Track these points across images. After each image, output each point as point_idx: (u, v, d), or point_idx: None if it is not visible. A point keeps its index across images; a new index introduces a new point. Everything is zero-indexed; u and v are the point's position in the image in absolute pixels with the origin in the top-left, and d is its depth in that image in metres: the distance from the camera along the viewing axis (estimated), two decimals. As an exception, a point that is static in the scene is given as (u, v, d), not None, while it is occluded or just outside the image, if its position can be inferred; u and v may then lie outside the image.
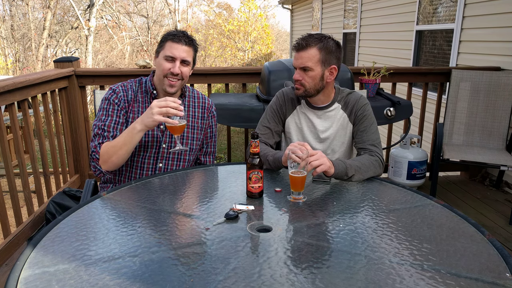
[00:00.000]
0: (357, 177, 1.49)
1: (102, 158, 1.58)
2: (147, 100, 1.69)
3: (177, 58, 1.61)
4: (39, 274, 0.92)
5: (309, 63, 1.60)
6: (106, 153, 1.57)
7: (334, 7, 8.91)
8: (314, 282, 0.89)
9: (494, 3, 3.70)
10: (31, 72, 11.65)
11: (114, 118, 1.64)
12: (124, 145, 1.53)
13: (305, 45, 1.59)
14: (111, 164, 1.57)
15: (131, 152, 1.58)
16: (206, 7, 20.17)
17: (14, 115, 2.31)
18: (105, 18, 18.25)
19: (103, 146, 1.58)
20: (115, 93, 1.66)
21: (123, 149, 1.54)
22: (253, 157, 1.31)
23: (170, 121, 1.45)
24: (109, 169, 1.61)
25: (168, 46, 1.62)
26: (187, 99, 1.77)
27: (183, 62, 1.62)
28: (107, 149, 1.57)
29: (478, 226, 1.15)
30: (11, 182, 2.24)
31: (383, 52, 6.37)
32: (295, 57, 1.64)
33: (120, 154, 1.55)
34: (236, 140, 8.03)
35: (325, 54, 1.61)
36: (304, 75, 1.63)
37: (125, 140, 1.53)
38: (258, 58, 16.51)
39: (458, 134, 3.22)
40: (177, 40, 1.61)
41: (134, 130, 1.50)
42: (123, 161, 1.59)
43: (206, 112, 1.80)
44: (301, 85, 1.65)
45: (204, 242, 1.06)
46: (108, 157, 1.56)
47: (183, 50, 1.62)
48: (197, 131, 1.77)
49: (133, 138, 1.52)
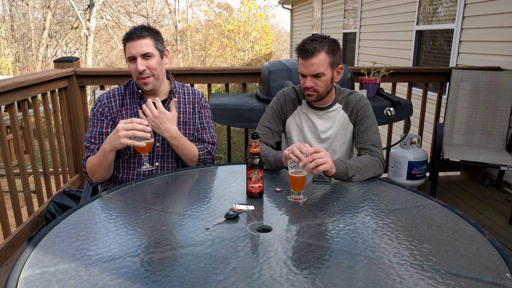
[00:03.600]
0: (357, 177, 1.49)
1: (89, 172, 1.64)
2: (134, 101, 1.69)
3: (136, 56, 1.58)
4: (39, 274, 0.92)
5: (321, 69, 1.58)
6: (90, 169, 1.63)
7: (334, 7, 8.91)
8: (314, 282, 0.89)
9: (494, 3, 3.70)
10: (31, 72, 11.66)
11: (98, 129, 1.67)
12: (100, 164, 1.58)
13: (313, 51, 1.56)
14: (97, 178, 1.63)
15: (111, 168, 1.62)
16: (206, 7, 20.20)
17: (14, 115, 2.31)
18: (105, 18, 18.26)
19: (88, 161, 1.64)
20: (100, 102, 1.68)
21: (101, 166, 1.58)
22: (253, 157, 1.31)
23: (137, 143, 1.46)
24: (98, 181, 1.66)
25: (127, 48, 1.60)
26: (177, 95, 1.75)
27: (144, 56, 1.59)
28: (89, 166, 1.63)
29: (478, 226, 1.15)
30: (11, 182, 2.24)
31: (383, 52, 6.37)
32: (304, 65, 1.60)
33: (100, 171, 1.60)
34: (236, 140, 8.03)
35: (332, 56, 1.60)
36: (316, 81, 1.61)
37: (100, 160, 1.57)
38: (258, 58, 16.52)
39: (458, 134, 3.22)
40: (130, 39, 1.58)
41: (105, 151, 1.53)
42: (108, 175, 1.64)
43: (197, 106, 1.79)
44: (314, 91, 1.63)
45: (204, 242, 1.06)
46: (92, 173, 1.63)
47: (139, 45, 1.57)
48: (189, 126, 1.75)
49: (106, 158, 1.55)
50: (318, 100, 1.68)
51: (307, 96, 1.67)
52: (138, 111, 1.67)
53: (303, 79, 1.64)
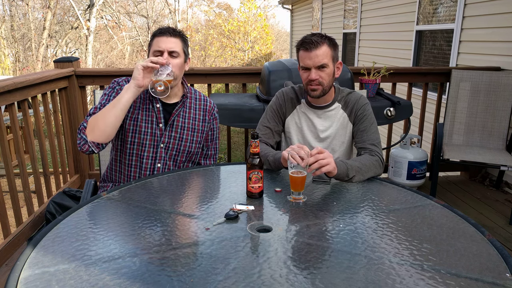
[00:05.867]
0: (358, 178, 1.49)
1: (89, 126, 1.52)
2: (147, 97, 1.68)
3: (164, 50, 1.60)
4: (39, 274, 0.92)
5: (325, 60, 1.60)
6: (94, 118, 1.53)
7: (334, 7, 8.91)
8: (314, 282, 0.89)
9: (494, 3, 3.70)
10: (31, 72, 11.65)
11: None
12: (112, 107, 1.51)
13: (317, 43, 1.59)
14: (98, 131, 1.50)
15: (119, 117, 1.51)
16: (206, 7, 20.20)
17: (14, 115, 2.31)
18: (105, 18, 18.27)
19: (91, 117, 1.55)
20: (119, 84, 1.67)
21: (111, 111, 1.50)
22: (253, 157, 1.31)
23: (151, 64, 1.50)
24: (95, 139, 1.51)
25: (155, 42, 1.63)
26: (188, 100, 1.75)
27: (171, 53, 1.62)
28: (93, 119, 1.53)
29: (478, 226, 1.15)
30: (11, 182, 2.24)
31: (383, 52, 6.37)
32: (308, 57, 1.61)
33: (108, 116, 1.50)
34: (236, 140, 8.04)
35: (333, 50, 1.63)
36: (321, 73, 1.62)
37: (113, 101, 1.52)
38: (258, 58, 16.52)
39: (458, 134, 3.22)
40: (162, 34, 1.62)
41: (123, 90, 1.52)
42: (110, 129, 1.51)
43: (207, 114, 1.78)
44: (319, 84, 1.63)
45: (204, 242, 1.06)
46: (95, 122, 1.51)
47: (169, 41, 1.61)
48: (197, 133, 1.74)
49: (121, 97, 1.51)
50: (322, 95, 1.67)
51: (311, 91, 1.66)
52: (149, 107, 1.66)
53: (307, 72, 1.64)
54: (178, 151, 1.70)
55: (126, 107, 1.53)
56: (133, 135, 1.64)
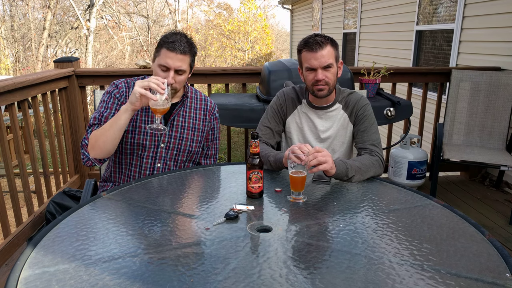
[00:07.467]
0: (357, 177, 1.49)
1: (90, 143, 1.54)
2: None
3: (171, 68, 1.56)
4: (39, 274, 0.92)
5: (330, 60, 1.62)
6: (94, 136, 1.54)
7: (334, 7, 8.91)
8: (314, 282, 0.89)
9: (494, 3, 3.70)
10: (31, 72, 11.66)
11: (113, 111, 1.63)
12: (110, 127, 1.50)
13: (322, 43, 1.60)
14: (98, 149, 1.53)
15: (117, 136, 1.52)
16: (206, 7, 20.20)
17: (14, 115, 2.31)
18: (105, 18, 18.26)
19: (92, 133, 1.56)
20: (118, 88, 1.66)
21: (109, 131, 1.50)
22: (253, 157, 1.31)
23: (150, 94, 1.42)
24: (97, 156, 1.55)
25: (163, 55, 1.57)
26: (189, 100, 1.75)
27: (178, 72, 1.58)
28: (93, 135, 1.54)
29: (478, 226, 1.15)
30: (11, 182, 2.24)
31: (383, 52, 6.37)
32: (313, 57, 1.60)
33: (107, 136, 1.50)
34: (236, 140, 8.03)
35: (336, 50, 1.65)
36: (326, 73, 1.63)
37: (111, 122, 1.51)
38: (258, 58, 16.51)
39: (458, 134, 3.22)
40: (172, 49, 1.55)
41: (121, 111, 1.49)
42: (110, 146, 1.53)
43: (208, 114, 1.79)
44: (326, 84, 1.64)
45: (204, 242, 1.06)
46: (95, 140, 1.53)
47: (178, 59, 1.56)
48: (197, 133, 1.75)
49: (119, 119, 1.49)
50: (328, 95, 1.68)
51: (318, 91, 1.65)
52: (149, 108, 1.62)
53: (313, 73, 1.64)
54: (179, 151, 1.70)
55: (124, 126, 1.52)
56: (133, 135, 1.64)
